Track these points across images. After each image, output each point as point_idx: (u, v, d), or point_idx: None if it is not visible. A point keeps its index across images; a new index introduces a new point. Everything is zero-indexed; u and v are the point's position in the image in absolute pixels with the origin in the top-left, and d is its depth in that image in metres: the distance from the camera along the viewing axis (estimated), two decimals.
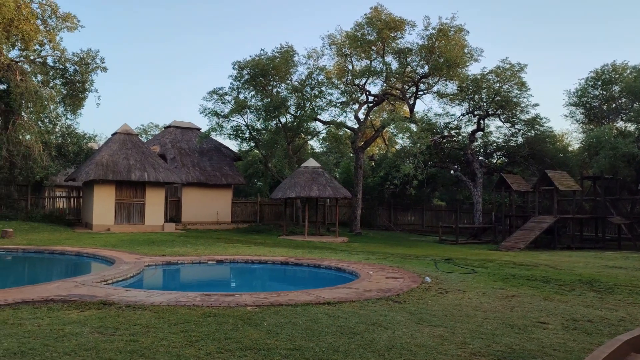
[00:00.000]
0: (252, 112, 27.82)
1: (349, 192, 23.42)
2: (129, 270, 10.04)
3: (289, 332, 5.45)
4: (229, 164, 28.45)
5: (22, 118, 22.41)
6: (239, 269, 12.50)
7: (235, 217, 28.27)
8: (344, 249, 17.00)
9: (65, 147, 25.39)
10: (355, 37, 25.90)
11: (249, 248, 15.42)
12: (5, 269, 13.40)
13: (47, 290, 7.67)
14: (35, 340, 4.87)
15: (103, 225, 21.28)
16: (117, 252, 13.39)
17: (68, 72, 23.98)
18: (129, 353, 4.53)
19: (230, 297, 7.30)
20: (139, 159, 22.58)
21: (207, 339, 5.08)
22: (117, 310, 6.33)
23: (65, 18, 23.00)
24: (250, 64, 26.47)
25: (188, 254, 13.20)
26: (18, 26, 20.49)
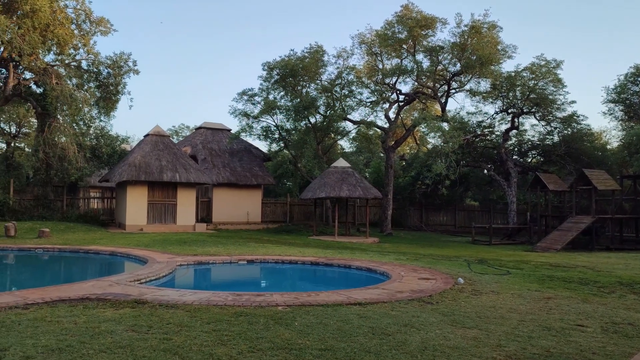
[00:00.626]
0: (281, 113, 28.00)
1: (379, 192, 23.29)
2: (162, 270, 10.25)
3: (320, 333, 5.46)
4: (259, 165, 28.72)
5: (57, 121, 23.16)
6: (270, 269, 12.59)
7: (265, 217, 28.52)
8: (375, 249, 16.92)
9: (99, 149, 26.13)
10: (385, 35, 25.74)
11: (279, 248, 15.52)
12: (43, 268, 13.88)
13: (83, 288, 7.90)
14: (72, 337, 5.01)
15: (136, 226, 21.78)
16: (149, 251, 13.70)
17: (101, 75, 24.66)
18: (163, 351, 4.62)
19: (261, 297, 7.36)
20: (170, 160, 23.02)
21: (238, 338, 5.14)
22: (150, 309, 6.46)
23: (98, 22, 23.67)
24: (280, 65, 26.64)
25: (219, 254, 13.38)
26: (54, 31, 21.18)
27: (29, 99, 23.84)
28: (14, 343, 4.74)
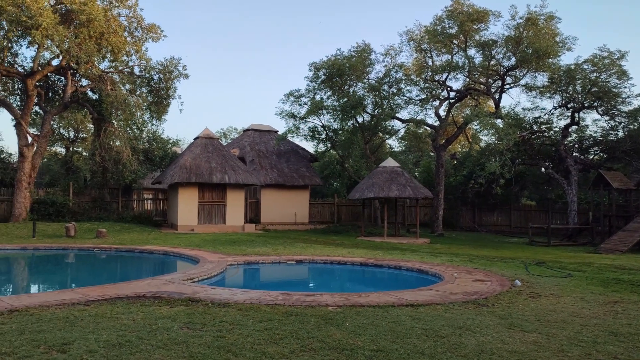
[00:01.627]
0: (328, 113, 28.10)
1: (429, 192, 22.95)
2: (213, 269, 10.54)
3: (372, 333, 5.45)
4: (306, 165, 28.96)
5: (112, 125, 24.26)
6: (318, 269, 12.67)
7: (313, 217, 28.71)
8: (426, 250, 16.68)
9: (151, 152, 27.17)
10: (435, 31, 25.33)
11: (327, 248, 15.59)
12: (101, 267, 14.57)
13: (139, 287, 8.24)
14: (131, 333, 5.25)
15: (187, 226, 22.46)
16: (201, 251, 14.11)
17: (153, 80, 25.60)
18: (217, 348, 4.75)
19: (311, 297, 7.42)
20: (219, 162, 23.60)
21: (290, 337, 5.21)
22: (203, 307, 6.66)
23: (150, 29, 24.60)
24: (326, 65, 26.76)
25: (268, 254, 13.60)
26: (108, 39, 22.19)
27: (85, 105, 25.09)
28: (78, 337, 5.01)
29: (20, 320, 5.76)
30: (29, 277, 13.20)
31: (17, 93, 25.62)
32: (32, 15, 19.06)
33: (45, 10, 19.44)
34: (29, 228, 19.65)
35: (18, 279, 12.89)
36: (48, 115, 24.15)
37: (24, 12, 19.33)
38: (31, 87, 22.88)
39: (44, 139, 23.88)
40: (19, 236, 18.72)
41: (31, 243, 16.57)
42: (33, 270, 14.36)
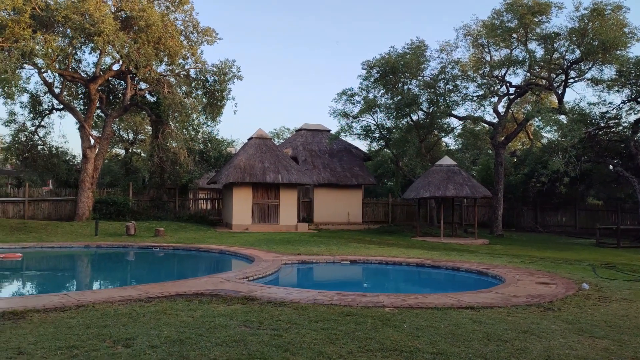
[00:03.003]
0: (382, 111, 27.92)
1: (488, 191, 22.30)
2: (268, 268, 10.69)
3: (431, 336, 5.34)
4: (359, 164, 28.87)
5: (169, 127, 25.13)
6: (373, 270, 12.59)
7: (366, 217, 28.59)
8: (485, 251, 16.22)
9: (206, 153, 27.96)
10: (492, 25, 24.58)
11: (382, 249, 15.47)
12: (160, 264, 15.12)
13: (197, 284, 8.47)
14: (190, 330, 5.40)
15: (242, 225, 22.93)
16: (255, 250, 14.36)
17: (208, 83, 26.31)
18: (274, 347, 4.81)
19: (367, 298, 7.37)
20: (273, 162, 23.94)
21: (347, 337, 5.19)
22: (260, 305, 6.76)
23: (205, 32, 25.30)
24: (380, 63, 26.60)
25: (322, 254, 13.65)
26: (165, 43, 23.02)
27: (144, 107, 26.14)
28: (140, 333, 5.21)
29: (87, 315, 6.06)
30: (93, 274, 13.89)
31: (80, 97, 27.04)
32: (95, 23, 20.05)
33: (106, 18, 20.40)
34: (92, 227, 20.69)
35: (82, 275, 13.60)
36: (109, 118, 25.34)
37: (87, 20, 20.36)
38: (94, 91, 24.09)
39: (105, 141, 25.08)
40: (83, 234, 19.76)
41: (94, 241, 17.45)
42: (96, 267, 15.11)
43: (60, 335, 5.04)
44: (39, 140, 25.85)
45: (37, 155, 25.40)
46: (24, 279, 12.21)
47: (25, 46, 19.46)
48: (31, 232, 19.83)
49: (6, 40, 19.91)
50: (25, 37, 19.59)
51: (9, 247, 15.64)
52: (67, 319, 5.83)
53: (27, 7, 19.92)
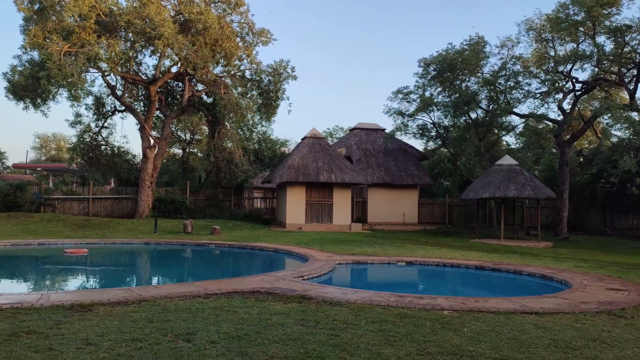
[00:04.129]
0: (438, 109, 27.46)
1: (552, 192, 21.41)
2: (322, 268, 10.73)
3: (493, 341, 5.18)
4: (415, 164, 28.49)
5: (225, 127, 25.76)
6: (430, 272, 12.37)
7: (422, 218, 28.18)
8: (548, 254, 15.58)
9: (261, 152, 28.46)
10: (557, 19, 23.58)
11: (438, 250, 15.19)
12: (216, 262, 15.54)
13: (253, 282, 8.63)
14: (248, 327, 5.50)
15: (295, 224, 23.17)
16: (309, 249, 14.46)
17: (263, 83, 26.75)
18: (331, 347, 4.81)
19: (424, 300, 7.26)
20: (326, 161, 24.04)
21: (405, 339, 5.13)
22: (315, 305, 6.80)
23: (260, 33, 25.77)
24: (437, 60, 26.18)
25: (376, 254, 13.56)
26: (222, 45, 23.64)
27: (201, 108, 26.93)
28: (200, 328, 5.36)
29: (149, 309, 6.30)
30: (152, 270, 14.47)
31: (141, 99, 28.21)
32: (155, 27, 20.86)
33: (166, 21, 21.18)
34: (151, 224, 21.56)
35: (143, 270, 14.20)
36: (168, 119, 26.30)
37: (148, 24, 21.22)
38: (153, 93, 25.08)
39: (164, 141, 26.04)
40: (143, 231, 20.61)
41: (153, 238, 18.17)
42: (155, 263, 15.72)
43: (125, 328, 5.27)
44: (102, 140, 27.19)
45: (101, 154, 26.73)
46: (89, 274, 12.88)
47: (90, 51, 20.53)
48: (95, 229, 20.90)
49: (73, 46, 21.07)
50: (90, 42, 20.67)
51: (75, 242, 16.56)
52: (131, 312, 6.08)
53: (92, 14, 21.00)
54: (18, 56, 23.09)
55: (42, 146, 53.14)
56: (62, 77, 19.86)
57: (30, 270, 13.27)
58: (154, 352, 4.48)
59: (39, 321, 5.53)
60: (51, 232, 19.73)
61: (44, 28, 21.32)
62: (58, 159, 46.73)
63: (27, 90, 22.31)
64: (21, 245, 15.88)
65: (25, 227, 20.45)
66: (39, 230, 20.12)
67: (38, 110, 23.84)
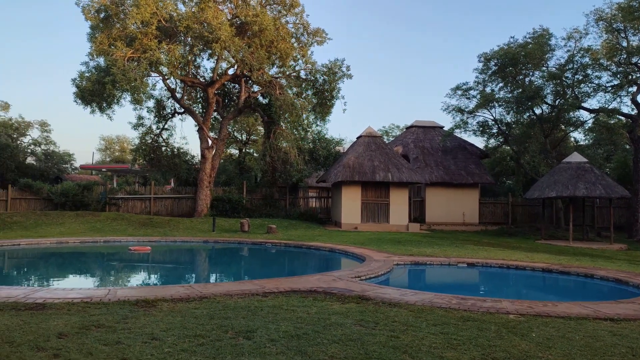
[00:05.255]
0: (500, 106, 26.65)
1: (626, 191, 20.25)
2: (380, 268, 10.65)
3: (564, 347, 4.95)
4: (475, 162, 27.76)
5: (280, 127, 26.12)
6: (493, 274, 12.00)
7: (483, 218, 27.42)
8: (622, 257, 14.74)
9: (316, 152, 28.63)
10: (630, 8, 22.27)
11: (502, 252, 14.71)
12: (272, 261, 15.77)
13: (310, 281, 8.68)
14: (307, 326, 5.52)
15: (350, 224, 23.14)
16: (365, 249, 14.40)
17: (318, 83, 26.90)
18: (392, 348, 4.75)
19: (488, 303, 7.04)
20: (382, 160, 23.85)
21: (469, 343, 4.98)
22: (374, 305, 6.74)
23: (315, 33, 25.93)
24: (498, 54, 25.44)
25: (435, 255, 13.30)
26: (277, 46, 23.98)
27: (257, 109, 27.44)
28: (260, 326, 5.44)
29: (209, 306, 6.47)
30: (211, 267, 14.87)
31: (199, 101, 29.09)
32: (213, 30, 21.46)
33: (223, 25, 21.74)
34: (209, 223, 22.18)
35: (202, 268, 14.62)
36: (224, 120, 26.98)
37: (206, 28, 21.86)
38: (211, 95, 25.80)
39: (222, 142, 26.72)
40: (201, 230, 21.23)
41: (211, 237, 18.69)
42: (213, 261, 16.15)
43: (188, 324, 5.44)
44: (163, 141, 28.25)
45: (161, 155, 27.79)
46: (152, 270, 13.41)
47: (152, 56, 21.40)
48: (156, 227, 21.73)
49: (136, 51, 22.03)
50: (152, 47, 21.54)
51: (138, 240, 17.31)
52: (193, 309, 6.27)
53: (153, 20, 21.88)
54: (85, 63, 24.45)
55: (107, 148, 55.94)
56: (126, 82, 20.81)
57: (98, 267, 13.98)
58: (216, 349, 4.59)
59: (107, 315, 5.80)
60: (116, 230, 20.70)
61: (109, 35, 22.41)
62: (121, 160, 49.00)
63: (93, 95, 23.54)
64: (88, 242, 16.77)
65: (92, 226, 21.56)
66: (105, 228, 21.16)
67: (104, 114, 25.15)
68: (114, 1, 22.83)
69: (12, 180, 27.64)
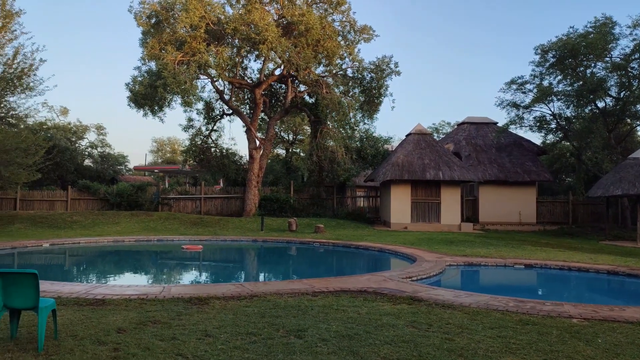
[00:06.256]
0: (559, 99, 25.69)
1: None
2: (432, 269, 10.48)
3: (634, 354, 4.71)
4: (532, 159, 26.87)
5: (327, 126, 26.17)
6: (552, 276, 11.57)
7: (541, 217, 26.50)
8: None
9: (363, 150, 28.51)
10: None
11: (562, 253, 14.16)
12: (320, 260, 15.83)
13: (359, 281, 8.64)
14: (358, 326, 5.51)
15: (400, 224, 22.89)
16: (416, 250, 14.21)
17: (365, 80, 26.79)
18: (447, 351, 4.66)
19: (548, 306, 6.79)
20: (433, 158, 23.47)
21: (529, 348, 4.82)
22: (427, 307, 6.63)
23: (362, 30, 25.82)
24: (557, 46, 24.49)
25: (490, 256, 12.96)
26: (323, 45, 24.03)
27: (303, 108, 27.61)
28: (310, 325, 5.47)
29: (260, 304, 6.56)
30: (260, 266, 15.09)
31: (246, 102, 29.58)
32: (260, 32, 21.77)
33: (270, 26, 22.02)
34: (258, 222, 22.51)
35: (252, 267, 14.86)
36: (271, 121, 27.30)
37: (253, 30, 22.20)
38: (258, 96, 26.18)
39: (269, 142, 27.06)
40: (250, 229, 21.58)
41: (260, 236, 18.96)
42: (262, 260, 16.37)
43: (240, 322, 5.53)
44: (212, 143, 28.91)
45: (211, 156, 28.47)
46: (203, 269, 13.75)
47: (200, 59, 21.94)
48: (207, 227, 22.26)
49: (185, 55, 22.64)
50: (200, 50, 22.08)
51: (189, 239, 17.79)
52: (244, 307, 6.37)
53: (202, 23, 22.42)
54: (138, 67, 25.37)
55: (159, 149, 57.76)
56: (176, 85, 21.43)
57: (152, 264, 14.47)
58: (268, 347, 4.65)
59: (162, 312, 5.98)
60: (168, 229, 21.35)
61: (159, 40, 23.15)
62: (172, 161, 50.48)
63: (146, 98, 24.39)
64: (143, 241, 17.39)
65: (146, 225, 22.32)
66: (158, 227, 21.86)
67: (156, 117, 26.04)
68: (164, 6, 23.57)
69: (71, 182, 29.02)
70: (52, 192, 26.41)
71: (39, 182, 26.68)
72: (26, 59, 20.30)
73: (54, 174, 29.32)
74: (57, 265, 13.98)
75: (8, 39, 20.16)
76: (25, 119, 22.51)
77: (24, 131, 21.23)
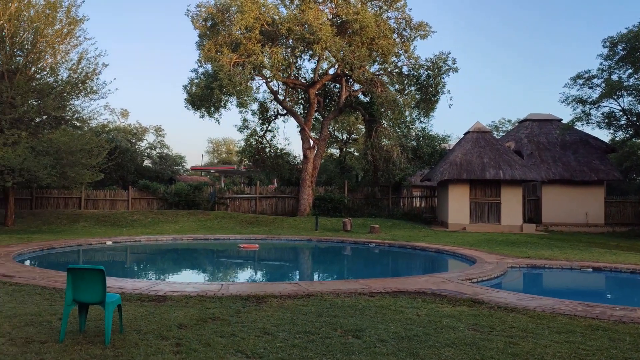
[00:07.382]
0: (630, 94, 24.37)
1: None
2: (493, 271, 10.21)
3: None
4: (600, 157, 25.63)
5: (382, 125, 25.99)
6: (623, 280, 10.99)
7: (610, 219, 25.23)
8: None
9: (419, 149, 28.11)
10: None
11: (634, 256, 13.43)
12: (376, 260, 15.74)
13: (418, 282, 8.54)
14: (417, 328, 5.44)
15: (458, 224, 22.41)
16: (475, 251, 13.88)
17: (421, 78, 26.40)
18: (511, 355, 4.53)
19: (619, 311, 6.47)
20: (492, 157, 22.83)
21: (599, 354, 4.61)
22: (488, 309, 6.47)
23: (418, 27, 25.47)
24: (627, 38, 23.27)
25: (555, 258, 12.48)
26: (378, 43, 23.89)
27: (357, 107, 27.55)
28: (368, 326, 5.45)
29: (317, 304, 6.60)
30: (316, 265, 15.18)
31: (300, 102, 29.84)
32: (314, 31, 21.92)
33: (324, 25, 22.12)
34: (312, 222, 22.67)
35: (307, 266, 14.97)
36: (325, 120, 27.40)
37: (307, 30, 22.37)
38: (312, 95, 26.35)
39: (323, 142, 27.18)
40: (304, 229, 21.76)
41: (314, 235, 19.09)
42: (317, 259, 16.47)
43: (297, 321, 5.60)
44: (267, 143, 29.36)
45: (265, 156, 28.93)
46: (259, 267, 14.01)
47: (255, 60, 22.33)
48: (262, 226, 22.64)
49: (240, 56, 23.12)
50: (255, 51, 22.48)
51: (245, 238, 18.16)
52: (301, 306, 6.44)
53: (256, 24, 22.81)
54: (194, 70, 26.13)
55: (215, 150, 59.30)
56: (232, 86, 21.92)
57: (210, 262, 14.88)
58: (326, 346, 4.67)
59: (221, 309, 6.14)
60: (224, 228, 21.88)
61: (215, 42, 23.75)
62: (228, 162, 51.68)
63: (202, 100, 25.08)
64: (200, 240, 17.91)
65: (203, 224, 22.97)
66: (214, 226, 22.45)
67: (212, 118, 26.74)
68: (220, 9, 24.15)
69: (131, 182, 30.29)
70: (114, 192, 27.66)
71: (101, 182, 28.00)
72: (90, 63, 21.31)
73: (115, 174, 30.69)
74: (120, 262, 14.64)
75: (73, 45, 21.24)
76: (88, 122, 23.67)
77: (88, 133, 22.31)
